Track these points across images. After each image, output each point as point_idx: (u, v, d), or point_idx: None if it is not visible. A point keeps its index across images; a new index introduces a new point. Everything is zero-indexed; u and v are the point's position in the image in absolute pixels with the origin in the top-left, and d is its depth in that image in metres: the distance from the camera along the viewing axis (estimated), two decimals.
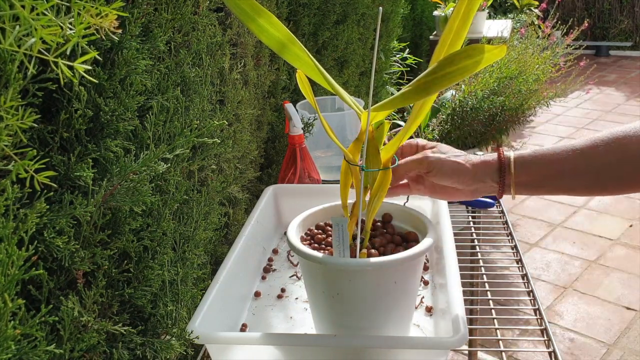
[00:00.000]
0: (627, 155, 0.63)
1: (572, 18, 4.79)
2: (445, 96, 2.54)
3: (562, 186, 0.67)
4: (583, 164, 0.64)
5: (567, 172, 0.65)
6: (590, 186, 0.66)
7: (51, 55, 0.36)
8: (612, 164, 0.64)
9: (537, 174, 0.66)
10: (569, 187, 0.67)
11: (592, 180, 0.65)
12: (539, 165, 0.66)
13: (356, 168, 0.66)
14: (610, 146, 0.63)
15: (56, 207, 0.49)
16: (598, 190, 0.66)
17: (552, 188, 0.68)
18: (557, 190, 0.68)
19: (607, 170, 0.64)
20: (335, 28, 1.45)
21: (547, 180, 0.66)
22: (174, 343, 0.64)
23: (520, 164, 0.67)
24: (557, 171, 0.65)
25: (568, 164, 0.65)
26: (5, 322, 0.40)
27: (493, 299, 0.88)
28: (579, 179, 0.65)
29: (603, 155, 0.64)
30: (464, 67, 0.52)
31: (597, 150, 0.64)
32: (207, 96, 0.77)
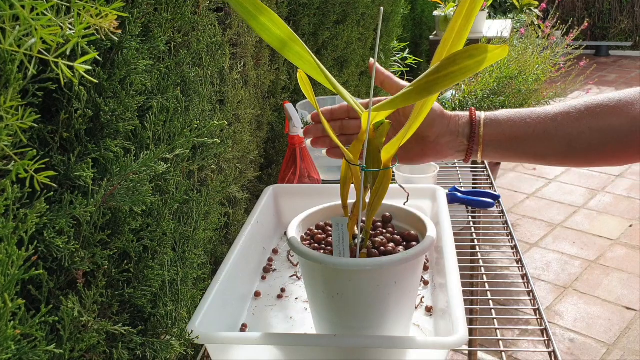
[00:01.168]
0: (598, 124, 0.61)
1: (572, 18, 4.79)
2: (446, 96, 2.55)
3: (530, 151, 0.65)
4: (553, 130, 0.63)
5: (537, 136, 0.63)
6: (559, 154, 0.64)
7: (51, 56, 0.36)
8: (583, 132, 0.62)
9: (507, 134, 0.64)
10: (538, 153, 0.65)
11: (561, 148, 0.63)
12: (509, 125, 0.64)
13: (356, 168, 0.66)
14: (583, 114, 0.62)
15: (56, 207, 0.49)
16: (567, 159, 0.64)
17: (521, 152, 0.65)
18: (526, 155, 0.65)
19: (577, 139, 0.62)
20: (335, 28, 1.45)
21: (516, 142, 0.64)
22: (174, 343, 0.64)
23: (491, 121, 0.65)
24: (526, 134, 0.63)
25: (539, 127, 0.63)
26: (5, 322, 0.39)
27: (493, 299, 0.88)
28: (548, 144, 0.63)
29: (574, 122, 0.62)
30: (466, 67, 0.52)
31: (569, 117, 0.62)
32: (207, 96, 0.77)
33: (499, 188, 3.08)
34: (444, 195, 0.97)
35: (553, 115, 0.63)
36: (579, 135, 0.62)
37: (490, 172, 1.36)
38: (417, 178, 1.15)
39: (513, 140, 0.64)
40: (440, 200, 0.94)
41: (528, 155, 0.65)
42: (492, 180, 1.32)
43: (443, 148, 0.69)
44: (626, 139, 0.61)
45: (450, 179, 1.35)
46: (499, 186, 3.11)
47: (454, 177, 1.36)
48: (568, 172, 3.32)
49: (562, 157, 0.64)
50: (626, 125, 0.61)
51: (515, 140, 0.64)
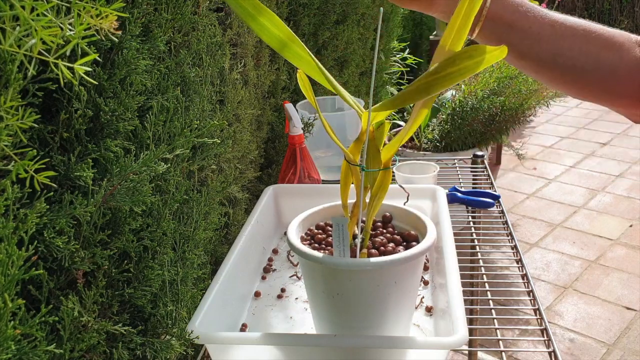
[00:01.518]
0: (588, 49, 0.61)
1: None
2: (446, 96, 2.55)
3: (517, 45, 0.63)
4: (547, 35, 0.62)
5: (530, 33, 0.63)
6: (540, 60, 0.63)
7: (51, 56, 0.36)
8: (571, 49, 0.62)
9: (506, 18, 0.63)
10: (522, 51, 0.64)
11: (545, 55, 0.63)
12: (511, 9, 0.63)
13: (356, 168, 0.66)
14: (578, 33, 0.62)
15: (56, 207, 0.49)
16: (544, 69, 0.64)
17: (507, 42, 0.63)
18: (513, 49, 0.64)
19: (564, 54, 0.62)
20: (335, 28, 1.45)
21: (510, 30, 0.63)
22: (174, 343, 0.64)
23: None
24: (522, 26, 0.63)
25: (535, 25, 0.62)
26: (5, 322, 0.40)
27: (493, 299, 0.88)
28: (536, 46, 0.63)
29: (568, 38, 0.62)
30: (465, 68, 0.52)
31: (566, 30, 0.62)
32: (207, 96, 0.77)
33: (499, 188, 3.08)
34: (444, 195, 0.97)
35: (552, 21, 0.63)
36: (567, 52, 0.62)
37: (490, 172, 1.36)
38: (417, 178, 1.15)
39: (508, 27, 0.63)
40: (440, 200, 0.94)
41: (513, 46, 0.64)
42: (492, 180, 1.32)
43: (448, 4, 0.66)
44: (606, 74, 0.62)
45: (450, 179, 1.35)
46: (499, 186, 3.11)
47: (454, 177, 1.36)
48: (568, 172, 3.32)
49: (541, 65, 0.64)
50: (612, 61, 0.62)
51: (510, 27, 0.63)
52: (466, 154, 2.44)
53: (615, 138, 3.77)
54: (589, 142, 3.74)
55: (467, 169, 1.40)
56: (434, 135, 2.56)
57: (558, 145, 3.72)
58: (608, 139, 3.77)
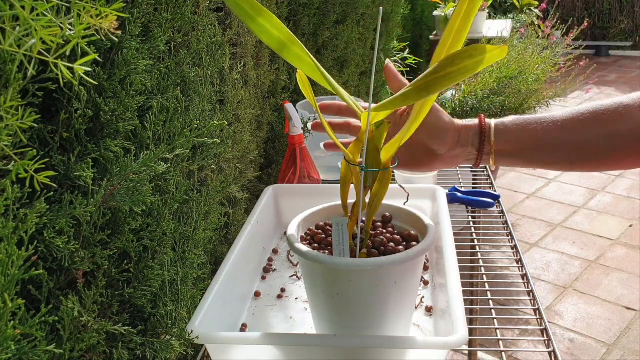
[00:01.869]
0: (604, 131, 0.62)
1: (572, 18, 4.79)
2: (445, 96, 2.55)
3: (539, 159, 0.65)
4: (562, 137, 0.63)
5: (546, 144, 0.64)
6: (566, 161, 0.64)
7: (51, 56, 0.36)
8: (589, 139, 0.62)
9: (517, 143, 0.65)
10: (546, 161, 0.65)
11: (569, 155, 0.64)
12: (519, 134, 0.64)
13: (356, 168, 0.66)
14: (590, 120, 0.62)
15: (56, 207, 0.49)
16: (575, 165, 0.65)
17: (530, 160, 0.66)
18: (535, 162, 0.66)
19: (585, 146, 0.63)
20: (335, 28, 1.45)
21: (526, 151, 0.65)
22: (174, 343, 0.64)
23: (500, 132, 0.65)
24: (536, 142, 0.64)
25: (548, 135, 0.63)
26: (5, 322, 0.40)
27: (493, 299, 0.88)
28: (556, 152, 0.64)
29: (582, 129, 0.62)
30: (465, 67, 0.52)
31: (577, 123, 0.63)
32: (207, 96, 0.77)
33: (499, 188, 3.08)
34: (444, 195, 0.97)
35: (561, 123, 0.63)
36: (586, 143, 0.63)
37: (490, 172, 1.36)
38: (417, 178, 1.15)
39: (522, 150, 0.65)
40: (440, 200, 0.94)
41: (536, 162, 0.66)
42: (492, 180, 1.32)
43: (453, 159, 0.70)
44: (632, 145, 0.62)
45: (450, 179, 1.35)
46: (499, 186, 3.11)
47: (454, 177, 1.36)
48: (568, 172, 3.32)
49: (570, 163, 0.65)
50: (632, 131, 0.61)
51: (524, 149, 0.65)
52: None
53: None
54: None
55: (467, 169, 1.40)
56: None
57: None
58: None
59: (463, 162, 0.70)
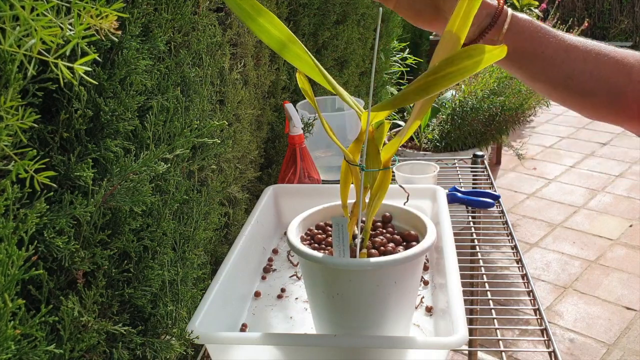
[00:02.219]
0: (599, 72, 0.61)
1: (572, 18, 4.79)
2: (445, 96, 2.55)
3: (530, 69, 0.64)
4: (560, 60, 0.62)
5: (544, 58, 0.63)
6: (552, 82, 0.63)
7: (51, 56, 0.36)
8: (583, 73, 0.62)
9: (521, 46, 0.63)
10: (535, 74, 0.64)
11: (557, 78, 0.63)
12: (526, 36, 0.63)
13: (356, 168, 0.66)
14: (590, 56, 0.62)
15: (56, 207, 0.49)
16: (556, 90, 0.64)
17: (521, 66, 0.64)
18: (523, 70, 0.64)
19: (576, 77, 0.62)
20: (335, 28, 1.45)
21: (524, 56, 0.63)
22: (174, 343, 0.64)
23: (513, 26, 0.63)
24: (536, 52, 0.63)
25: (549, 50, 0.63)
26: (5, 322, 0.40)
27: (493, 299, 0.88)
28: (549, 70, 0.63)
29: (580, 61, 0.62)
30: (465, 68, 0.52)
31: (578, 54, 0.62)
32: (207, 96, 0.77)
33: (499, 188, 3.08)
34: (444, 195, 0.97)
35: (565, 45, 0.63)
36: (579, 76, 0.62)
37: (490, 172, 1.36)
38: (417, 178, 1.15)
39: (522, 54, 0.63)
40: (440, 200, 0.94)
41: (525, 71, 0.65)
42: (492, 180, 1.32)
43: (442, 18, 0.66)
44: (615, 97, 0.62)
45: (450, 179, 1.35)
46: (499, 186, 3.11)
47: (454, 177, 1.36)
48: (568, 172, 3.32)
49: (553, 87, 0.64)
50: (621, 84, 0.62)
51: (524, 54, 0.63)
52: (466, 154, 2.44)
53: (615, 138, 3.77)
54: (589, 142, 3.75)
55: (467, 169, 1.40)
56: (434, 135, 2.56)
57: (558, 145, 3.72)
58: (608, 139, 3.77)
59: None
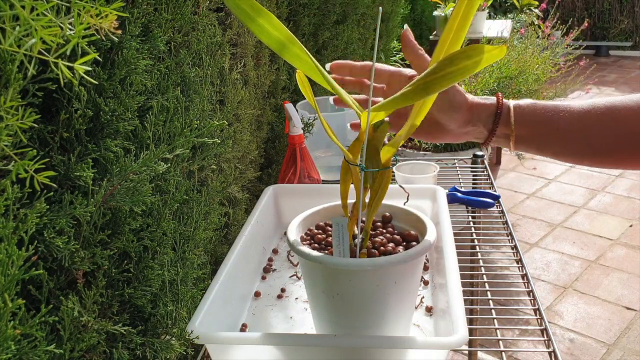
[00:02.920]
0: (618, 127, 0.61)
1: (572, 18, 4.79)
2: None
3: (550, 148, 0.64)
4: (576, 130, 0.62)
5: (560, 134, 0.63)
6: (577, 153, 0.63)
7: (51, 56, 0.36)
8: (602, 134, 0.62)
9: (530, 130, 0.64)
10: (557, 151, 0.64)
11: (580, 148, 0.63)
12: (533, 120, 0.63)
13: (356, 168, 0.66)
14: (605, 115, 0.61)
15: (56, 207, 0.49)
16: (585, 158, 0.64)
17: (543, 147, 0.65)
18: (547, 150, 0.65)
19: (597, 141, 0.62)
20: (335, 28, 1.45)
21: (538, 138, 0.64)
22: (174, 343, 0.64)
23: (518, 116, 0.64)
24: (550, 131, 0.63)
25: (562, 125, 0.62)
26: (5, 322, 0.40)
27: (493, 299, 0.88)
28: (569, 143, 0.63)
29: (596, 123, 0.61)
30: (464, 68, 0.52)
31: (592, 117, 0.62)
32: (207, 96, 0.77)
33: (499, 188, 3.08)
34: (444, 195, 0.97)
35: (577, 114, 0.63)
36: (600, 138, 0.62)
37: (490, 172, 1.36)
38: (417, 178, 1.15)
39: (537, 136, 0.64)
40: (440, 200, 0.94)
41: (548, 151, 0.65)
42: (492, 180, 1.32)
43: (462, 136, 0.68)
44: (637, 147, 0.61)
45: (450, 179, 1.35)
46: (499, 186, 3.11)
47: (454, 177, 1.36)
48: (568, 172, 3.32)
49: (580, 156, 0.64)
50: None
51: (537, 136, 0.64)
52: (466, 154, 2.44)
53: None
54: None
55: (467, 169, 1.40)
56: None
57: None
58: None
59: (472, 139, 0.68)
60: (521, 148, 0.66)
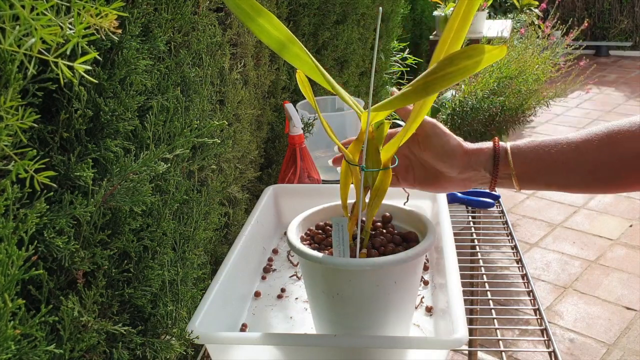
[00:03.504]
0: (618, 152, 0.61)
1: (572, 18, 4.79)
2: (445, 96, 2.54)
3: (554, 182, 0.65)
4: (576, 160, 0.62)
5: (561, 167, 0.63)
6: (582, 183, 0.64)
7: (51, 55, 0.36)
8: (604, 161, 0.62)
9: (531, 167, 0.64)
10: (561, 183, 0.65)
11: (584, 177, 0.63)
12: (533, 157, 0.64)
13: (356, 168, 0.66)
14: (604, 141, 0.62)
15: (56, 207, 0.49)
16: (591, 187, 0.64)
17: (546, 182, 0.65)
18: (552, 185, 0.65)
19: (600, 167, 0.62)
20: (335, 28, 1.45)
21: (541, 174, 0.64)
22: (174, 343, 0.64)
23: (516, 154, 0.64)
24: (550, 165, 0.63)
25: (562, 157, 0.63)
26: (5, 322, 0.40)
27: (493, 299, 0.88)
28: (571, 175, 0.63)
29: (596, 151, 0.62)
30: (464, 68, 0.52)
31: (591, 145, 0.62)
32: (207, 96, 0.77)
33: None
34: (444, 195, 0.97)
35: (575, 144, 0.63)
36: (602, 164, 0.62)
37: None
38: None
39: (538, 173, 0.64)
40: (440, 200, 0.94)
41: (553, 185, 0.66)
42: None
43: (465, 182, 0.69)
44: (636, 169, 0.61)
45: None
46: None
47: None
48: None
49: (586, 185, 0.64)
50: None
51: (539, 172, 0.64)
52: None
53: None
54: None
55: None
56: None
57: None
58: None
59: (477, 185, 0.69)
60: (527, 187, 0.66)
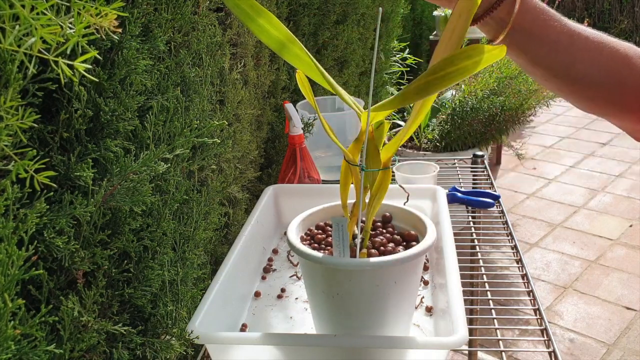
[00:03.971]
0: (600, 61, 0.61)
1: (572, 18, 4.79)
2: (445, 96, 2.55)
3: (533, 51, 0.62)
4: (563, 46, 0.61)
5: (548, 42, 0.62)
6: (553, 69, 0.62)
7: (51, 55, 0.36)
8: (584, 61, 0.61)
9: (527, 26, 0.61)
10: (536, 58, 0.62)
11: (559, 65, 0.62)
12: (533, 17, 0.61)
13: (356, 168, 0.66)
14: (593, 45, 0.61)
15: (56, 207, 0.49)
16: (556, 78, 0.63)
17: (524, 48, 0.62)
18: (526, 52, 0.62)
19: (577, 65, 0.61)
20: (335, 28, 1.45)
21: (529, 37, 0.62)
22: (174, 343, 0.64)
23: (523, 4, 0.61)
24: (541, 34, 0.61)
25: (553, 35, 0.62)
26: (5, 322, 0.40)
27: (493, 299, 0.88)
28: (551, 55, 0.62)
29: (583, 49, 0.61)
30: (464, 68, 0.52)
31: (581, 41, 0.61)
32: (207, 96, 0.77)
33: (499, 188, 3.08)
34: (444, 195, 0.97)
35: (570, 32, 0.62)
36: (580, 63, 0.62)
37: (490, 172, 1.36)
38: (417, 178, 1.15)
39: (525, 35, 0.62)
40: (440, 200, 0.94)
41: (527, 55, 0.63)
42: (492, 180, 1.32)
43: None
44: (614, 87, 0.62)
45: (450, 179, 1.35)
46: (499, 186, 3.11)
47: (454, 177, 1.36)
48: (568, 172, 3.32)
49: (554, 74, 0.63)
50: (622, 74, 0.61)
51: (527, 35, 0.62)
52: (466, 154, 2.44)
53: (615, 138, 3.77)
54: (589, 142, 3.74)
55: (467, 169, 1.40)
56: (434, 135, 2.56)
57: (558, 145, 3.72)
58: (608, 139, 3.77)
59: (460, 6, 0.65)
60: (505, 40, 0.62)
